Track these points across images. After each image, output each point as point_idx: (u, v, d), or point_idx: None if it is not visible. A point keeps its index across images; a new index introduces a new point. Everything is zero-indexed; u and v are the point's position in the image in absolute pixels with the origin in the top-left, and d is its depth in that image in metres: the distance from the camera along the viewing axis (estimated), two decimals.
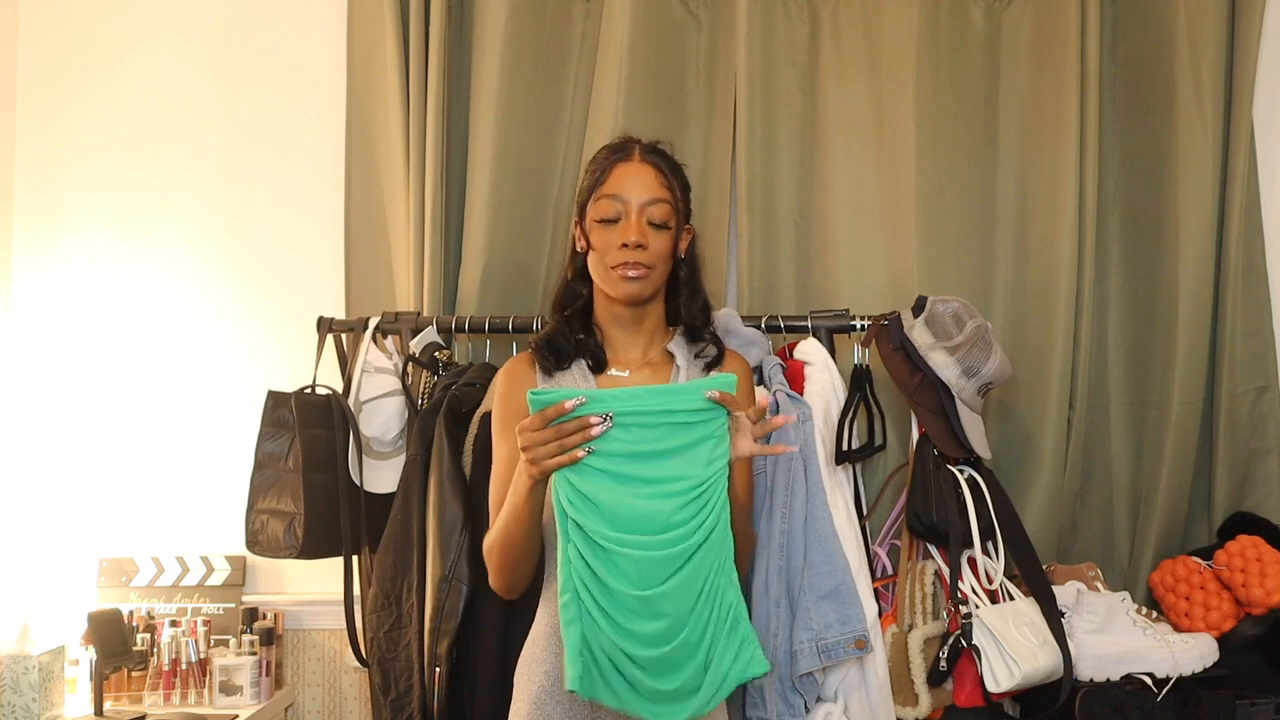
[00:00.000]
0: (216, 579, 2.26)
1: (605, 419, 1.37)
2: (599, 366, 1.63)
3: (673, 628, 1.39)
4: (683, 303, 1.67)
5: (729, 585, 1.43)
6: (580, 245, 1.64)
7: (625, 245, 1.55)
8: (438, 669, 1.84)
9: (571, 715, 1.51)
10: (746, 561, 1.69)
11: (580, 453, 1.37)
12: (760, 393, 1.87)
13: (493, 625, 1.85)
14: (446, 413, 1.91)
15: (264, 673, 2.14)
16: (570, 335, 1.64)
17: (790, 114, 2.24)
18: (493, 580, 1.58)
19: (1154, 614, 2.02)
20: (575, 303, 1.66)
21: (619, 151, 1.63)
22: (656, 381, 1.61)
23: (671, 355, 1.65)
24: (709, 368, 1.64)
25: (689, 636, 1.40)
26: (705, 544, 1.40)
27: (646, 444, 1.40)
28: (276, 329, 2.33)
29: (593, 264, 1.61)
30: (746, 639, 1.44)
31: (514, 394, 1.61)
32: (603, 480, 1.40)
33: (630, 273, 1.55)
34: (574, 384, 1.61)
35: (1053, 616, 1.87)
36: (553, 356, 1.62)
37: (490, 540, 1.56)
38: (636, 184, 1.58)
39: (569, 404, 1.36)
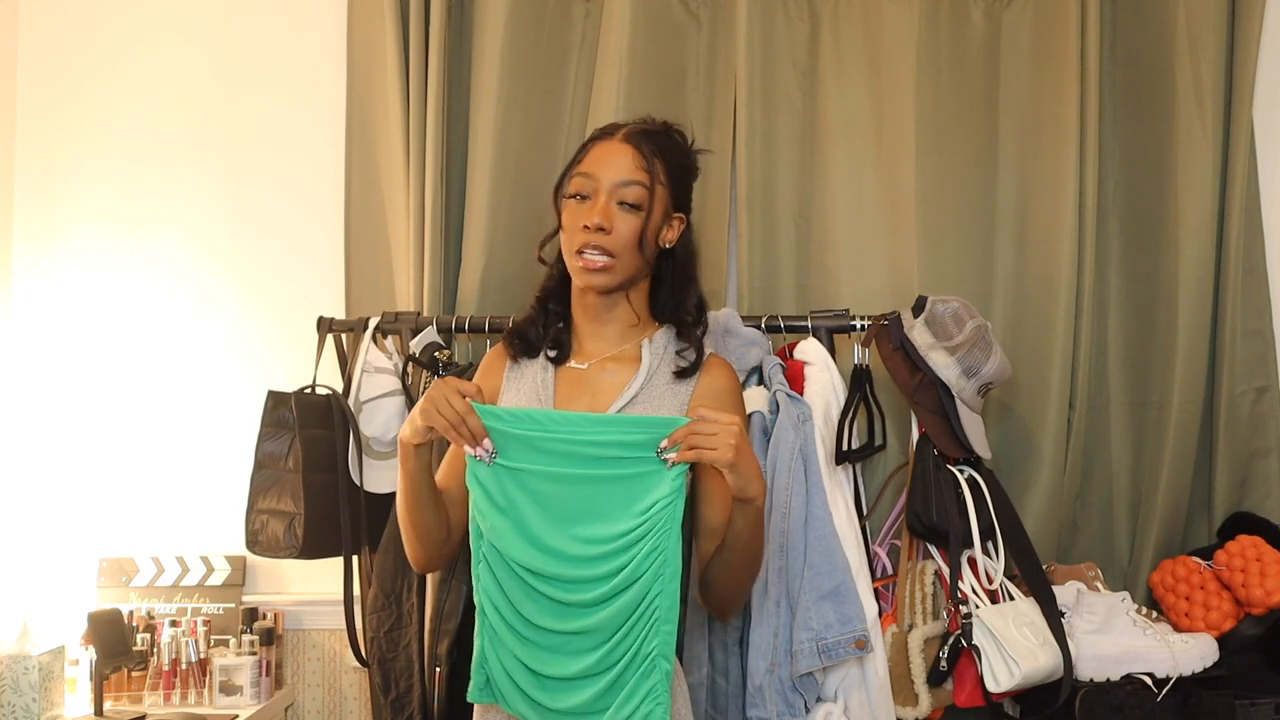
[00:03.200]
0: (216, 579, 2.26)
1: (490, 455, 1.40)
2: (561, 358, 1.58)
3: (579, 655, 1.39)
4: (668, 296, 1.60)
5: (654, 634, 1.39)
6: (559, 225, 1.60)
7: (586, 227, 1.50)
8: (438, 669, 1.84)
9: None
10: (751, 581, 1.59)
11: (476, 449, 1.39)
12: (760, 393, 1.87)
13: None
14: None
15: (264, 673, 2.14)
16: (541, 322, 1.61)
17: (790, 114, 2.24)
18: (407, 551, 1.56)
19: (1154, 614, 2.02)
20: (550, 283, 1.63)
21: (604, 131, 1.59)
22: (614, 378, 1.55)
23: (640, 352, 1.57)
24: (681, 374, 1.54)
25: (595, 666, 1.39)
26: (628, 590, 1.38)
27: (574, 470, 1.40)
28: (276, 329, 2.33)
29: (562, 245, 1.56)
30: (656, 693, 1.39)
31: (483, 381, 1.61)
32: (525, 502, 1.40)
33: (589, 263, 1.50)
34: (534, 375, 1.58)
35: (1053, 616, 1.88)
36: (521, 343, 1.61)
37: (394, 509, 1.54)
38: (611, 163, 1.52)
39: (479, 449, 1.40)
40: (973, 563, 1.90)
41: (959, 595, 1.85)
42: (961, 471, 1.92)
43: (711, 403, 1.50)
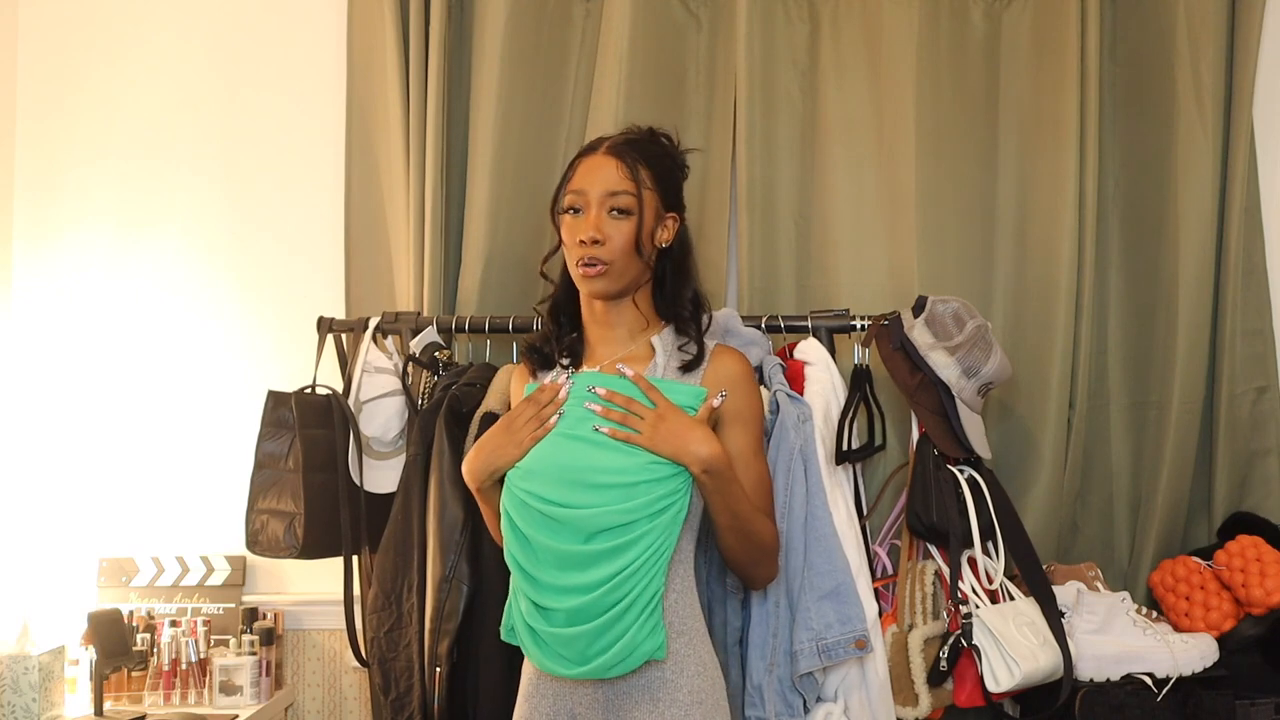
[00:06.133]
0: (216, 579, 2.26)
1: (567, 380, 1.55)
2: (575, 365, 1.66)
3: (585, 586, 1.46)
4: (668, 294, 1.66)
5: (658, 575, 1.47)
6: (558, 242, 1.67)
7: (582, 241, 1.57)
8: (438, 669, 1.84)
9: (556, 703, 1.54)
10: (771, 563, 1.66)
11: (551, 420, 1.52)
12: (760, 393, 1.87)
13: (493, 625, 1.84)
14: (446, 413, 1.91)
15: (264, 673, 2.14)
16: (552, 337, 1.69)
17: (790, 114, 2.24)
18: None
19: (1154, 614, 2.02)
20: (557, 296, 1.71)
21: (589, 147, 1.66)
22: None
23: (653, 349, 1.64)
24: (687, 368, 1.61)
25: (599, 601, 1.45)
26: (651, 528, 1.47)
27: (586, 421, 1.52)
28: (276, 329, 2.33)
29: (566, 260, 1.65)
30: (658, 627, 1.48)
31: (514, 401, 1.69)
32: (546, 444, 1.53)
33: (588, 271, 1.57)
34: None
35: (1053, 616, 1.87)
36: (539, 358, 1.69)
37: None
38: (597, 177, 1.59)
39: (548, 382, 1.56)
40: (973, 563, 1.90)
41: (959, 595, 1.85)
42: (961, 471, 1.92)
43: (722, 389, 1.56)
